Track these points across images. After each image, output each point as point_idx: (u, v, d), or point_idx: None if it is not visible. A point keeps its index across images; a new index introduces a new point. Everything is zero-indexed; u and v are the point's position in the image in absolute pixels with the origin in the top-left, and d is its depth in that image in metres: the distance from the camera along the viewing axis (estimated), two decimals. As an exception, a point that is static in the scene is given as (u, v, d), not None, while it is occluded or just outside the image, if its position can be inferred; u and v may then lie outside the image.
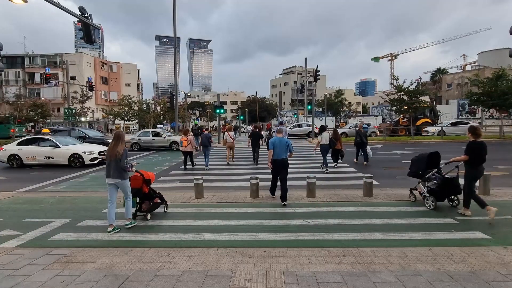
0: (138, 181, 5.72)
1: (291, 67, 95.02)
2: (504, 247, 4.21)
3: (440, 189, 6.02)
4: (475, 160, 5.42)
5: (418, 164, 6.51)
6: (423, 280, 3.38)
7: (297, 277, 3.49)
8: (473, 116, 45.01)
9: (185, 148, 12.11)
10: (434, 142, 21.70)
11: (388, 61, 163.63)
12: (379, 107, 58.26)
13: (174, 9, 21.74)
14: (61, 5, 11.47)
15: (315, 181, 7.20)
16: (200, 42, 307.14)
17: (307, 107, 33.58)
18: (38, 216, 6.16)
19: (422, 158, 6.46)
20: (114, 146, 5.16)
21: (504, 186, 7.86)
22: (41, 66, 51.73)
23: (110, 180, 5.20)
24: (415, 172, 6.54)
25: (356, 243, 4.46)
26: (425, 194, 6.22)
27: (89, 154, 13.13)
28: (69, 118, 27.49)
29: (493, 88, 23.03)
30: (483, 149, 5.39)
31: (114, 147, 5.16)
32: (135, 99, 50.80)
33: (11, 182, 10.32)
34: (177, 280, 3.49)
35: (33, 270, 3.80)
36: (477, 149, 5.39)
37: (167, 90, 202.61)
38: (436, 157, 6.41)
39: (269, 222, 5.54)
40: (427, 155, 6.39)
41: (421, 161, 6.44)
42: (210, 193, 7.65)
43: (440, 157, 6.46)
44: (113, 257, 4.11)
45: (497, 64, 38.08)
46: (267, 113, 67.56)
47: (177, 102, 28.15)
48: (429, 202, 6.11)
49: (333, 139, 11.26)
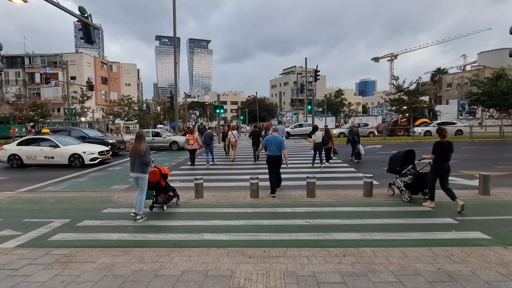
0: (156, 176, 6.27)
1: (291, 67, 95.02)
2: (504, 247, 4.21)
3: (415, 183, 6.62)
4: (440, 158, 5.95)
5: (395, 161, 7.11)
6: (423, 280, 3.38)
7: (297, 277, 3.49)
8: (473, 116, 45.07)
9: (192, 146, 12.71)
10: (433, 142, 21.66)
11: (388, 61, 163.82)
12: (379, 107, 58.32)
13: (174, 9, 21.74)
14: (61, 5, 11.47)
15: (315, 181, 7.20)
16: (200, 42, 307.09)
17: (307, 107, 33.60)
18: (38, 216, 6.16)
19: (399, 156, 7.07)
20: (137, 144, 5.78)
21: (504, 186, 7.86)
22: (41, 66, 51.74)
23: (133, 174, 5.81)
24: (393, 169, 7.13)
25: (356, 243, 4.46)
26: (402, 188, 6.80)
27: (89, 154, 13.13)
28: (69, 118, 27.49)
29: (493, 88, 23.01)
30: (449, 149, 5.91)
31: (137, 145, 5.77)
32: (135, 99, 50.74)
33: (11, 182, 10.32)
34: (177, 280, 3.49)
35: (33, 270, 3.80)
36: (442, 148, 5.91)
37: (167, 90, 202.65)
38: (411, 155, 7.02)
39: (269, 222, 5.54)
40: (403, 153, 6.99)
41: (398, 158, 7.05)
42: (210, 193, 7.65)
43: (415, 154, 7.06)
44: (113, 257, 4.11)
45: (497, 64, 38.12)
46: (267, 113, 67.56)
47: (177, 102, 28.16)
48: (405, 195, 6.68)
49: (326, 138, 11.92)
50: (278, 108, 66.28)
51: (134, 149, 5.78)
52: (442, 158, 5.95)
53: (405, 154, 6.94)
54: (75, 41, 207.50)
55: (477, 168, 10.29)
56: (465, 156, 13.93)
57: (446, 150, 5.92)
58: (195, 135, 13.06)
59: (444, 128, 6.28)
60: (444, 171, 6.03)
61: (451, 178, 9.15)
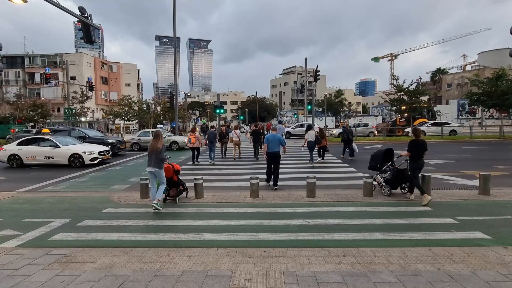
0: (170, 171, 6.82)
1: (291, 67, 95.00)
2: (504, 247, 4.21)
3: (394, 179, 7.19)
4: (415, 155, 6.55)
5: (376, 159, 7.62)
6: (423, 280, 3.38)
7: (297, 277, 3.48)
8: (473, 116, 45.08)
9: (193, 144, 13.34)
10: (433, 142, 21.68)
11: (388, 61, 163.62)
12: (379, 107, 58.35)
13: (174, 9, 21.74)
14: (61, 5, 11.46)
15: (315, 181, 7.20)
16: (200, 42, 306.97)
17: (307, 107, 33.57)
18: (38, 216, 6.16)
19: (379, 154, 7.60)
20: (155, 143, 6.35)
21: (504, 186, 7.85)
22: (41, 66, 51.72)
23: (150, 169, 6.35)
24: (374, 166, 7.63)
25: (356, 243, 4.46)
26: (382, 184, 7.30)
27: (89, 154, 13.13)
28: (69, 118, 27.48)
29: (493, 88, 23.03)
30: (422, 147, 6.54)
31: (155, 143, 6.35)
32: (135, 99, 50.75)
33: (11, 182, 10.32)
34: (177, 280, 3.49)
35: (32, 270, 3.79)
36: (416, 147, 6.53)
37: (167, 90, 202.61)
38: (390, 153, 7.56)
39: (269, 222, 5.53)
40: (383, 152, 7.50)
41: (378, 156, 7.57)
42: (210, 193, 7.65)
43: (393, 153, 7.61)
44: (113, 257, 4.11)
45: (497, 64, 38.08)
46: (267, 113, 67.56)
47: (177, 102, 28.15)
48: (385, 190, 7.19)
49: (319, 137, 12.54)
50: (278, 108, 66.29)
51: (152, 147, 6.34)
52: (417, 155, 6.56)
53: (384, 152, 7.50)
54: (75, 41, 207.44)
55: (477, 168, 10.30)
56: (465, 156, 13.95)
57: (420, 149, 6.53)
58: (196, 134, 13.59)
59: (418, 128, 6.91)
60: (420, 166, 6.63)
61: (451, 178, 9.21)
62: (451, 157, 13.52)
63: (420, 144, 6.52)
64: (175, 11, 21.80)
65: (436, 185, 8.06)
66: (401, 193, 7.29)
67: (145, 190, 7.33)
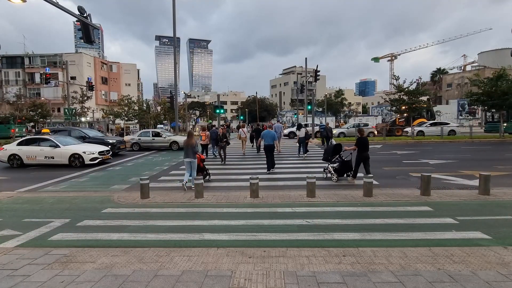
0: (198, 160, 8.77)
1: (291, 67, 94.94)
2: (504, 247, 4.21)
3: (341, 168, 9.14)
4: (361, 149, 8.52)
5: (327, 152, 9.57)
6: (423, 280, 3.37)
7: (297, 277, 3.48)
8: (473, 116, 45.08)
9: (204, 141, 15.16)
10: (433, 142, 21.70)
11: (388, 61, 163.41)
12: (379, 107, 58.32)
13: (174, 9, 21.73)
14: (60, 5, 11.45)
15: (315, 181, 7.20)
16: (200, 42, 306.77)
17: (307, 107, 33.55)
18: (38, 216, 6.16)
19: (330, 148, 9.65)
20: (189, 140, 8.40)
21: (504, 186, 7.85)
22: (41, 66, 51.65)
23: (187, 159, 8.43)
24: (326, 158, 9.54)
25: (356, 243, 4.46)
26: (332, 172, 9.12)
27: (89, 154, 13.12)
28: (69, 118, 27.44)
29: (493, 88, 23.03)
30: (366, 142, 8.59)
31: (189, 140, 8.40)
32: (135, 99, 50.69)
33: (11, 182, 10.32)
34: (176, 280, 3.49)
35: (32, 270, 3.79)
36: (361, 142, 8.52)
37: (167, 90, 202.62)
38: (339, 148, 9.47)
39: (269, 222, 5.53)
40: (333, 146, 9.55)
41: (329, 150, 9.56)
42: (210, 193, 7.65)
43: (342, 147, 9.51)
44: (112, 257, 4.11)
45: (497, 64, 38.08)
46: (267, 113, 67.52)
47: (177, 102, 28.15)
48: (333, 177, 9.00)
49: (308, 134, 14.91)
50: (278, 108, 66.32)
51: (187, 142, 8.39)
52: (362, 148, 8.51)
53: (334, 147, 9.51)
54: (75, 41, 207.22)
55: (477, 168, 10.30)
56: (465, 156, 13.94)
57: (364, 143, 8.52)
58: (207, 132, 15.38)
59: (362, 128, 9.64)
60: (364, 157, 8.49)
61: (451, 178, 9.22)
62: (451, 157, 13.52)
63: (364, 140, 8.55)
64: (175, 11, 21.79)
65: (436, 185, 8.06)
66: (400, 194, 7.30)
67: (145, 190, 7.33)
